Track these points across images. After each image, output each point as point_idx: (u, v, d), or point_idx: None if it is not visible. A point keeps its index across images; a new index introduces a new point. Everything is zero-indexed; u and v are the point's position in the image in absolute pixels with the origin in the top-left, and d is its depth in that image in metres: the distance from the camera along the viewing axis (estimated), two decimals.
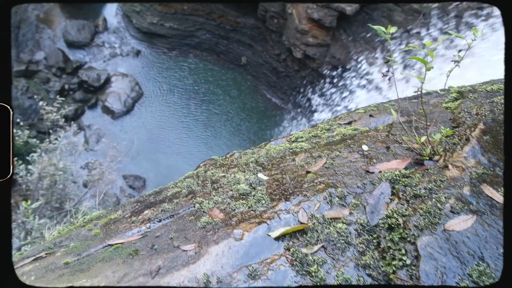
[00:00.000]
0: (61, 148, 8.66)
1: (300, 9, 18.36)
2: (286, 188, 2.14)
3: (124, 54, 22.12)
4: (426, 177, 1.93)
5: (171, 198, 2.35)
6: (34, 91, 20.19)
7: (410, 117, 2.68)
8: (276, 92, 21.51)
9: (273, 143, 2.97)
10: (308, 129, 2.99)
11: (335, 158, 2.31)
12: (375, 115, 2.82)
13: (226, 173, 2.50)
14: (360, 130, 2.70)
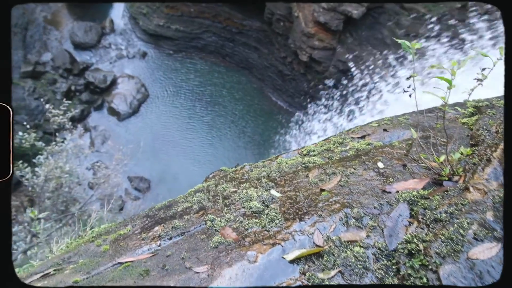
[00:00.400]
0: (67, 151, 8.66)
1: (306, 12, 18.31)
2: (300, 207, 2.09)
3: (131, 56, 22.17)
4: (446, 199, 1.87)
5: (182, 214, 2.30)
6: (40, 92, 20.28)
7: (426, 132, 2.62)
8: (282, 95, 21.46)
9: (285, 156, 2.92)
10: (320, 142, 2.93)
11: (350, 175, 2.26)
12: (389, 129, 2.77)
13: (237, 188, 2.45)
14: (374, 145, 2.64)
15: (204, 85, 21.96)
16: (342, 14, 17.44)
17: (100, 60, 21.81)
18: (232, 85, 22.13)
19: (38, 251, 6.57)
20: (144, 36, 22.71)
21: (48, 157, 8.49)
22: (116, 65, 21.74)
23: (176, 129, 21.04)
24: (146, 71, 21.97)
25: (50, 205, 8.62)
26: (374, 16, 18.15)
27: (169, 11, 21.49)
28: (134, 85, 21.06)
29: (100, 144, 19.80)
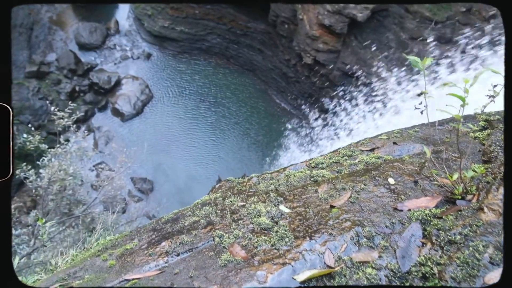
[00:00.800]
0: (71, 153, 8.66)
1: (311, 15, 18.26)
2: (310, 224, 2.05)
3: (135, 57, 22.20)
4: (460, 220, 1.83)
5: (189, 228, 2.27)
6: (45, 92, 20.34)
7: (437, 146, 2.58)
8: (286, 97, 21.43)
9: (292, 168, 2.89)
10: (329, 154, 2.90)
11: (360, 191, 2.22)
12: (399, 143, 2.73)
13: (245, 202, 2.42)
14: (384, 158, 2.61)
15: (208, 87, 21.97)
16: (346, 17, 17.38)
17: (104, 61, 21.86)
18: (236, 86, 22.13)
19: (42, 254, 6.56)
20: (148, 37, 22.74)
21: (52, 159, 8.49)
22: (121, 66, 21.78)
23: (180, 130, 21.05)
24: (150, 72, 22.00)
25: (54, 208, 8.62)
26: (379, 19, 18.08)
27: (174, 12, 21.51)
28: (138, 86, 21.09)
29: (104, 145, 19.82)
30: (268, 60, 21.43)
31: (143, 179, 19.30)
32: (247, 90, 22.08)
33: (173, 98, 21.61)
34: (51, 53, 21.39)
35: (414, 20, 17.53)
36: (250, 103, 21.76)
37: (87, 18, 22.76)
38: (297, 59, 19.97)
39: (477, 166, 2.20)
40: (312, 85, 20.02)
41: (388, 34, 18.15)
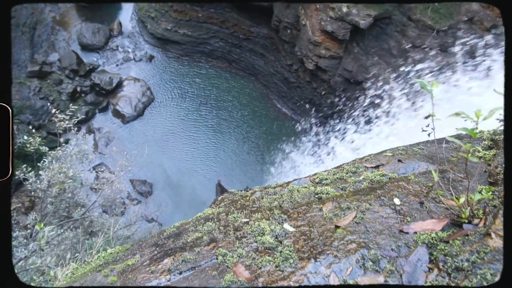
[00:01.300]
0: (71, 156, 8.62)
1: (314, 21, 18.28)
2: (314, 245, 2.03)
3: (137, 58, 22.21)
4: (468, 245, 1.81)
5: (192, 245, 2.25)
6: (46, 92, 20.33)
7: (442, 165, 2.56)
8: (287, 102, 21.43)
9: (296, 183, 2.87)
10: (333, 169, 2.88)
11: (365, 211, 2.20)
12: (403, 160, 2.71)
13: (249, 218, 2.40)
14: (389, 176, 2.59)
15: (209, 90, 21.97)
16: (349, 23, 17.38)
17: (106, 62, 21.86)
18: (238, 90, 22.13)
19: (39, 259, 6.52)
20: (151, 39, 22.76)
21: (52, 162, 8.45)
22: (123, 68, 21.78)
23: (181, 132, 21.04)
24: (152, 75, 21.99)
25: (52, 210, 8.57)
26: (381, 27, 18.10)
27: (178, 15, 21.53)
28: (140, 88, 21.08)
29: (104, 147, 19.79)
30: (270, 64, 21.44)
31: (143, 181, 19.27)
32: (248, 94, 22.08)
33: (174, 101, 21.60)
34: (54, 53, 21.39)
35: (416, 28, 17.55)
36: (251, 107, 21.76)
37: (90, 19, 22.78)
38: (299, 65, 19.98)
39: (484, 188, 2.18)
40: (314, 90, 20.03)
41: (390, 42, 18.18)
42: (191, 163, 20.30)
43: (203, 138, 20.91)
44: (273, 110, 21.67)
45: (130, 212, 13.41)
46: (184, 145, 20.72)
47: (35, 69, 20.28)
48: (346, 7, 17.09)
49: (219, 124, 21.25)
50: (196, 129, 21.10)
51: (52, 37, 21.68)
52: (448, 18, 17.20)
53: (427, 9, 17.27)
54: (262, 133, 21.17)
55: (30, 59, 20.58)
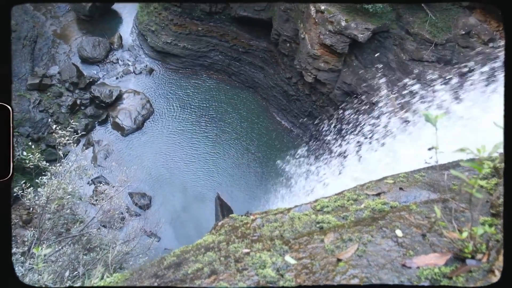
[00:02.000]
0: (71, 172, 8.61)
1: (313, 34, 18.42)
2: (316, 279, 2.01)
3: (137, 71, 22.33)
4: (471, 282, 1.80)
5: (192, 278, 2.23)
6: (46, 105, 20.38)
7: (443, 194, 2.56)
8: (286, 115, 21.49)
9: (297, 210, 2.85)
10: (334, 196, 2.87)
11: (367, 243, 2.19)
12: (405, 188, 2.71)
13: (250, 249, 2.38)
14: (390, 205, 2.58)
15: (209, 102, 22.05)
16: (348, 37, 17.50)
17: (106, 75, 21.97)
18: (237, 103, 22.21)
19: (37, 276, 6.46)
20: (151, 52, 22.90)
21: (52, 178, 8.43)
22: (123, 81, 21.88)
23: (180, 145, 21.05)
24: (152, 87, 22.09)
25: (51, 227, 8.53)
26: (380, 40, 18.24)
27: (178, 29, 21.71)
28: (140, 101, 21.14)
29: (103, 159, 19.78)
30: (269, 77, 21.55)
31: (142, 194, 19.21)
32: (248, 107, 22.16)
33: (174, 113, 21.65)
34: (54, 66, 21.50)
35: (414, 42, 17.67)
36: (251, 119, 21.82)
37: (91, 32, 22.96)
38: (298, 78, 20.09)
39: (486, 220, 2.17)
40: (313, 103, 20.10)
41: (389, 55, 18.30)
42: (190, 175, 20.27)
43: (203, 150, 20.92)
44: (272, 122, 21.72)
45: (129, 226, 13.33)
46: (184, 157, 20.72)
47: (35, 81, 20.37)
48: (344, 21, 17.23)
49: (218, 136, 21.28)
50: (195, 141, 21.12)
51: (52, 50, 21.82)
52: (446, 32, 17.33)
53: (424, 23, 17.43)
54: (262, 145, 21.19)
55: (31, 72, 20.68)
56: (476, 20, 17.06)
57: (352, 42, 17.61)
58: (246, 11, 20.22)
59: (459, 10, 17.23)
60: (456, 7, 17.23)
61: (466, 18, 17.21)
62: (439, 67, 17.33)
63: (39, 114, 19.96)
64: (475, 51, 16.81)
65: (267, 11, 20.26)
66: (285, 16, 19.40)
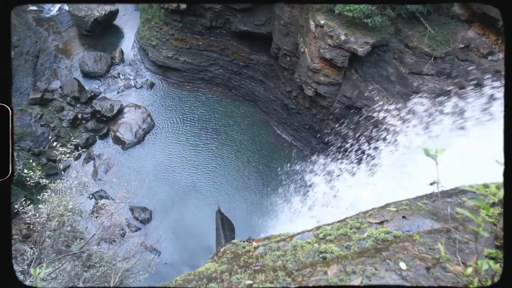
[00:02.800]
0: (71, 189, 8.60)
1: (312, 48, 18.55)
2: None
3: (138, 85, 22.45)
4: None
5: None
6: (47, 119, 20.46)
7: (446, 223, 2.55)
8: (287, 128, 21.53)
9: (299, 237, 2.84)
10: (336, 224, 2.86)
11: (371, 276, 2.18)
12: (408, 217, 2.70)
13: (253, 280, 2.37)
14: (394, 234, 2.57)
15: (210, 116, 22.13)
16: (347, 51, 17.61)
17: (108, 89, 22.09)
18: (238, 116, 22.28)
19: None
20: (152, 67, 23.05)
21: (52, 195, 8.42)
22: (124, 95, 21.99)
23: (181, 158, 21.05)
24: (153, 101, 22.19)
25: (51, 244, 8.49)
26: (379, 54, 18.34)
27: (178, 43, 21.89)
28: (140, 115, 21.22)
29: (104, 173, 19.77)
30: (269, 91, 21.65)
31: (142, 208, 19.14)
32: (248, 120, 22.22)
33: (175, 127, 21.72)
34: (56, 80, 21.64)
35: (414, 55, 17.76)
36: (252, 132, 21.86)
37: (93, 47, 23.15)
38: (298, 91, 20.17)
39: (491, 252, 2.16)
40: (313, 117, 20.14)
41: (389, 68, 18.38)
42: (191, 188, 20.23)
43: (204, 163, 20.92)
44: (273, 136, 21.76)
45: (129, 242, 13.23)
46: (184, 170, 20.70)
47: (37, 96, 20.47)
48: (344, 35, 17.36)
49: (219, 149, 21.30)
50: (196, 154, 21.13)
51: (54, 65, 21.98)
52: (445, 45, 17.42)
53: (423, 36, 17.53)
54: (263, 157, 21.19)
55: (32, 87, 20.81)
56: (475, 34, 17.18)
57: (352, 55, 17.71)
58: (246, 26, 20.41)
59: (457, 23, 17.35)
60: (455, 21, 17.35)
61: (465, 32, 17.33)
62: (438, 80, 17.41)
63: (40, 128, 20.02)
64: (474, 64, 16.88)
65: (267, 25, 20.45)
66: (285, 30, 19.56)
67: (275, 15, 19.70)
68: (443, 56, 17.21)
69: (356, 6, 16.13)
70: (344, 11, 16.34)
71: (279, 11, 19.33)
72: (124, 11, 24.68)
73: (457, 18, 17.31)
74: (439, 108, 14.76)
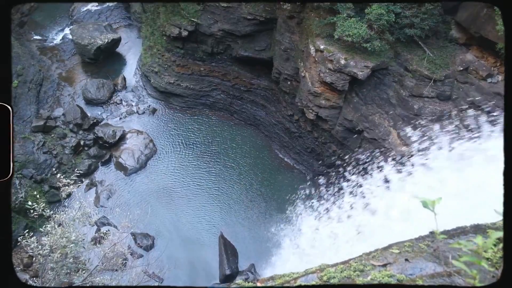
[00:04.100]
0: (74, 221, 8.60)
1: (313, 72, 18.78)
2: None
3: (141, 112, 22.68)
4: None
5: None
6: (50, 146, 20.59)
7: (449, 267, 2.55)
8: (289, 152, 21.58)
9: (303, 280, 2.83)
10: (340, 266, 2.86)
11: None
12: (411, 260, 2.70)
13: None
14: (397, 277, 2.57)
15: (212, 140, 22.24)
16: (347, 75, 17.80)
17: (110, 115, 22.30)
18: (240, 140, 22.38)
19: None
20: (154, 93, 23.34)
21: (55, 226, 8.41)
22: (126, 121, 22.19)
23: (183, 183, 21.04)
24: (155, 127, 22.36)
25: (53, 277, 8.42)
26: (379, 77, 18.52)
27: (180, 69, 22.22)
28: (143, 141, 21.34)
29: (106, 200, 19.73)
30: (271, 115, 21.81)
31: (144, 234, 19.00)
32: (250, 144, 22.31)
33: (177, 152, 21.81)
34: (59, 108, 21.89)
35: (414, 78, 17.92)
36: (254, 156, 21.90)
37: (95, 74, 23.53)
38: (299, 115, 20.29)
39: None
40: (315, 140, 20.20)
41: (388, 91, 18.52)
42: (194, 213, 20.13)
43: (206, 187, 20.88)
44: (275, 159, 21.79)
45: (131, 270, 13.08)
46: (187, 195, 20.66)
47: (39, 124, 20.68)
48: (344, 59, 17.57)
49: (222, 173, 21.31)
50: (198, 179, 21.13)
51: (57, 92, 22.30)
52: (444, 68, 17.59)
53: (423, 60, 17.72)
54: (265, 180, 21.16)
55: (35, 114, 21.04)
56: (473, 57, 17.39)
57: (352, 79, 17.88)
58: (247, 51, 20.75)
59: (455, 47, 17.61)
60: (453, 44, 17.61)
61: (464, 55, 17.54)
62: (439, 102, 17.51)
63: (43, 155, 20.12)
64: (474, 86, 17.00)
65: (268, 51, 20.79)
66: (285, 55, 19.86)
67: (276, 41, 20.04)
68: (442, 79, 17.35)
69: (355, 31, 16.37)
70: (344, 36, 16.60)
71: (280, 36, 19.69)
72: (126, 38, 25.20)
73: (455, 41, 17.57)
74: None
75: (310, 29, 18.25)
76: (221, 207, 20.33)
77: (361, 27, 16.28)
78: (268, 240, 18.80)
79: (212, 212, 20.16)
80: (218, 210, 20.23)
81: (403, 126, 17.39)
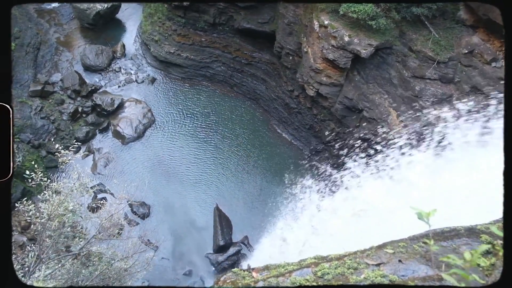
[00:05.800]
0: (72, 191, 8.66)
1: (315, 48, 18.50)
2: None
3: (140, 80, 22.43)
4: None
5: None
6: (47, 112, 20.46)
7: (440, 270, 2.61)
8: (287, 127, 21.56)
9: (298, 274, 2.90)
10: (334, 262, 2.92)
11: None
12: (404, 261, 2.76)
13: None
14: (390, 278, 2.63)
15: (210, 112, 22.14)
16: (351, 52, 17.55)
17: (109, 83, 22.06)
18: (239, 113, 22.29)
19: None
20: (154, 62, 22.99)
21: (53, 196, 8.48)
22: (125, 89, 21.97)
23: (180, 153, 21.11)
24: (154, 96, 22.18)
25: (51, 244, 8.57)
26: (382, 56, 18.28)
27: (181, 39, 21.81)
28: (141, 110, 21.23)
29: (103, 167, 19.83)
30: (271, 90, 21.63)
31: (141, 203, 19.24)
32: (249, 118, 22.24)
33: (175, 122, 21.74)
34: (56, 73, 21.60)
35: (417, 59, 17.72)
36: (252, 128, 21.88)
37: (94, 41, 23.07)
38: (300, 91, 20.15)
39: None
40: (314, 117, 20.16)
41: (391, 71, 18.34)
42: (190, 183, 20.31)
43: (203, 158, 20.98)
44: (273, 134, 21.79)
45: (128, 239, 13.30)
46: (184, 165, 20.77)
47: (37, 88, 20.46)
48: (348, 36, 17.28)
49: (219, 145, 21.35)
50: (196, 149, 21.18)
51: (55, 57, 21.93)
52: (449, 50, 17.37)
53: (428, 40, 17.45)
54: (262, 154, 21.24)
55: (33, 79, 20.78)
56: (479, 40, 17.11)
57: (355, 57, 17.66)
58: (250, 23, 20.33)
59: (462, 28, 17.28)
60: (460, 26, 17.28)
61: (469, 37, 17.26)
62: (440, 85, 17.40)
63: (40, 121, 20.03)
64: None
65: (271, 23, 20.37)
66: (289, 29, 19.49)
67: (279, 14, 19.61)
68: (446, 61, 17.17)
69: (361, 7, 16.03)
70: (349, 12, 16.24)
71: (283, 9, 19.23)
72: (126, 5, 24.55)
73: (462, 23, 17.23)
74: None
75: (315, 3, 17.82)
76: (218, 179, 20.49)
77: (367, 4, 15.92)
78: (262, 213, 19.09)
79: (208, 183, 20.35)
80: (215, 181, 20.40)
81: (404, 107, 17.34)
